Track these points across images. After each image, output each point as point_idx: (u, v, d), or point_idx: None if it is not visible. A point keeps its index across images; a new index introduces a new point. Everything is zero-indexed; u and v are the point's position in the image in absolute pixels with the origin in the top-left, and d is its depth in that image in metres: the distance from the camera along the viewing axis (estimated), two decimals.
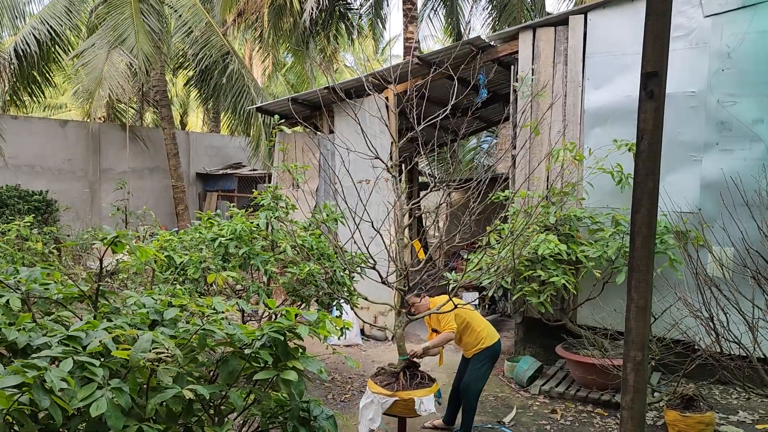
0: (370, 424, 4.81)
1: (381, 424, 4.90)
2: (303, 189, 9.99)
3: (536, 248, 5.99)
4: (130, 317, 2.79)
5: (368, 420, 4.82)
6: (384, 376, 4.99)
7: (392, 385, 4.86)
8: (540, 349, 7.71)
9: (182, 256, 5.43)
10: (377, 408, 4.78)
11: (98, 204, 14.89)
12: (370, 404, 4.80)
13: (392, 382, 4.90)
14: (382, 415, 4.85)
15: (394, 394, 4.77)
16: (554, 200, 6.83)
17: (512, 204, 7.40)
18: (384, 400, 4.76)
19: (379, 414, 4.79)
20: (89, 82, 11.57)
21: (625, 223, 6.54)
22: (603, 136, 7.19)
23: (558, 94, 7.51)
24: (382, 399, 4.76)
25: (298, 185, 9.98)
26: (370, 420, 4.81)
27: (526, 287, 6.20)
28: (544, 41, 7.62)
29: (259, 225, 5.98)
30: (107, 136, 15.14)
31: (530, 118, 7.67)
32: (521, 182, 7.79)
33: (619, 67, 7.18)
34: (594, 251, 6.13)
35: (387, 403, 4.75)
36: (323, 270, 6.05)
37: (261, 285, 5.74)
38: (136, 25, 11.67)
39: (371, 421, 4.81)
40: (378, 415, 4.79)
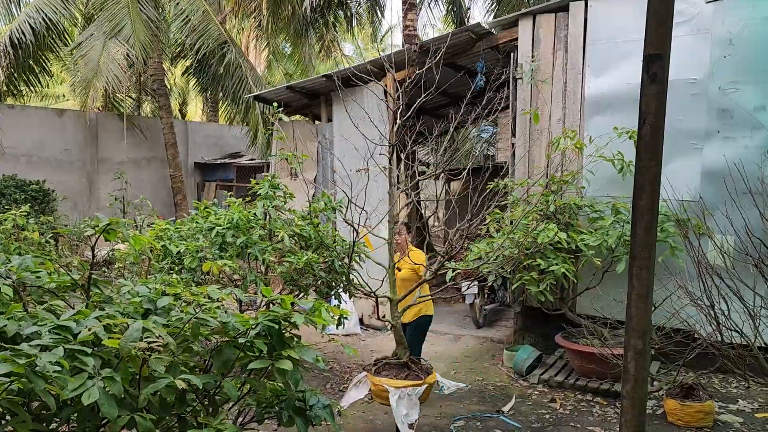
0: (408, 420, 4.68)
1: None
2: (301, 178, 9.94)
3: (536, 236, 5.94)
4: (123, 306, 2.74)
5: (404, 416, 4.64)
6: (391, 370, 4.91)
7: (413, 374, 4.83)
8: (539, 339, 7.68)
9: (179, 246, 5.38)
10: (410, 401, 4.68)
11: (96, 194, 14.84)
12: (401, 400, 4.66)
13: (408, 372, 4.86)
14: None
15: (424, 381, 4.75)
16: (554, 188, 6.78)
17: (512, 193, 7.35)
18: (416, 390, 4.69)
19: (415, 406, 4.69)
20: (85, 74, 11.47)
21: (626, 211, 6.49)
22: (603, 124, 7.12)
23: (558, 82, 7.44)
24: (412, 390, 4.69)
25: (296, 174, 9.95)
26: (406, 415, 4.66)
27: (526, 276, 6.16)
28: (545, 28, 7.53)
29: (256, 214, 5.92)
30: (105, 125, 15.05)
31: (530, 106, 7.60)
32: (521, 171, 7.74)
33: (620, 54, 7.10)
34: (594, 240, 6.08)
35: (419, 392, 4.70)
36: (321, 259, 6.01)
37: (258, 274, 5.70)
38: (132, 15, 11.55)
39: (407, 416, 4.67)
40: (413, 407, 4.69)
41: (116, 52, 11.64)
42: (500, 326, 8.99)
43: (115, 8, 11.87)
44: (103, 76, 11.45)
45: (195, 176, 17.83)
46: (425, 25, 19.80)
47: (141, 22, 11.90)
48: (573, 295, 6.88)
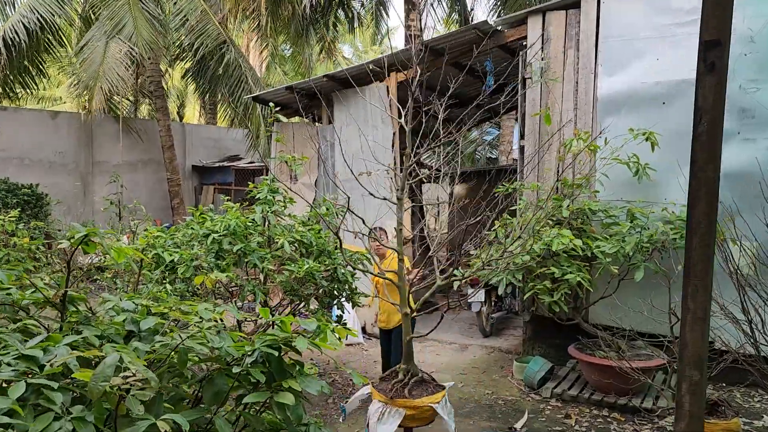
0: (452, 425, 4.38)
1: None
2: (302, 182, 9.64)
3: (549, 243, 5.63)
4: (104, 327, 2.43)
5: (451, 426, 4.38)
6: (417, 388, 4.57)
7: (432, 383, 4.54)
8: (550, 349, 7.37)
9: (172, 254, 5.07)
10: (447, 407, 4.39)
11: (91, 197, 14.52)
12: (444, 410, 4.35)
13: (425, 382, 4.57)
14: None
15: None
16: (566, 192, 6.48)
17: (521, 197, 7.05)
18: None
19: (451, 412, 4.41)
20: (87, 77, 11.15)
21: (642, 216, 6.19)
22: (617, 125, 6.82)
23: (569, 81, 7.14)
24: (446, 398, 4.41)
25: (297, 178, 9.65)
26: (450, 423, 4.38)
27: (538, 285, 5.85)
28: (555, 25, 7.24)
29: (254, 220, 5.61)
30: (100, 128, 14.74)
31: (540, 106, 7.30)
32: (530, 174, 7.44)
33: (633, 52, 6.80)
34: (610, 247, 5.77)
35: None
36: (323, 267, 5.71)
37: (257, 284, 5.39)
38: (133, 11, 11.23)
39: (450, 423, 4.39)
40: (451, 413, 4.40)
41: (118, 52, 11.32)
42: (508, 335, 8.67)
43: (115, 5, 11.55)
44: (106, 78, 11.13)
45: (193, 179, 17.52)
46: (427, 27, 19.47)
47: (144, 18, 11.58)
48: (587, 305, 6.56)
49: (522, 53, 7.55)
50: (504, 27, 7.68)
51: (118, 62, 11.27)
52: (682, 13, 6.55)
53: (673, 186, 6.57)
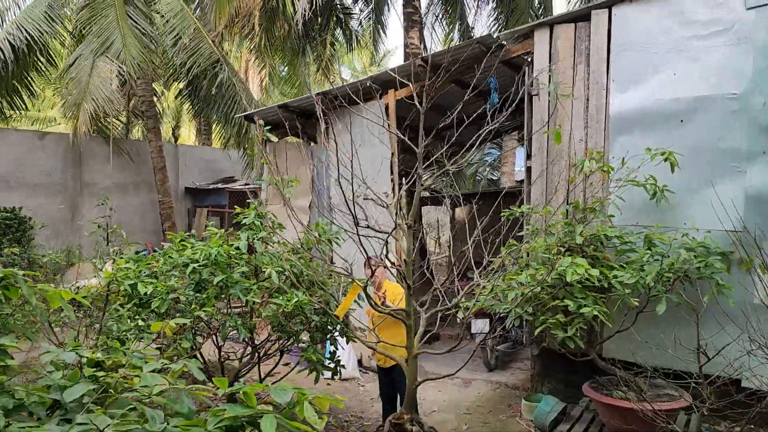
0: None
1: None
2: (295, 205, 9.15)
3: (563, 273, 5.13)
4: (24, 394, 1.93)
5: None
6: None
7: None
8: (560, 385, 6.83)
9: (147, 286, 4.56)
10: None
11: (78, 220, 14.02)
12: None
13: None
14: None
15: None
16: (578, 217, 5.99)
17: (528, 222, 6.57)
18: None
19: None
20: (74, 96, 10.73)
21: (661, 243, 5.70)
22: (631, 145, 6.37)
23: (579, 98, 6.70)
24: None
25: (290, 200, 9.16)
26: None
27: (550, 319, 5.33)
28: (563, 39, 6.82)
29: (239, 248, 5.11)
30: (90, 148, 14.31)
31: (548, 125, 6.85)
32: (537, 196, 6.97)
33: (648, 66, 6.37)
34: (629, 276, 5.27)
35: None
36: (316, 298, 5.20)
37: (241, 318, 4.88)
38: (122, 29, 10.84)
39: None
40: None
41: (106, 70, 10.90)
42: (514, 369, 8.12)
43: (103, 22, 11.16)
44: (92, 98, 10.71)
45: (186, 202, 17.04)
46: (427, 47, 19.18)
47: (133, 36, 11.19)
48: (602, 339, 6.04)
49: (528, 68, 7.12)
50: (509, 41, 7.27)
51: (105, 81, 10.85)
52: (699, 26, 6.13)
53: (694, 209, 6.10)
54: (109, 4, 11.18)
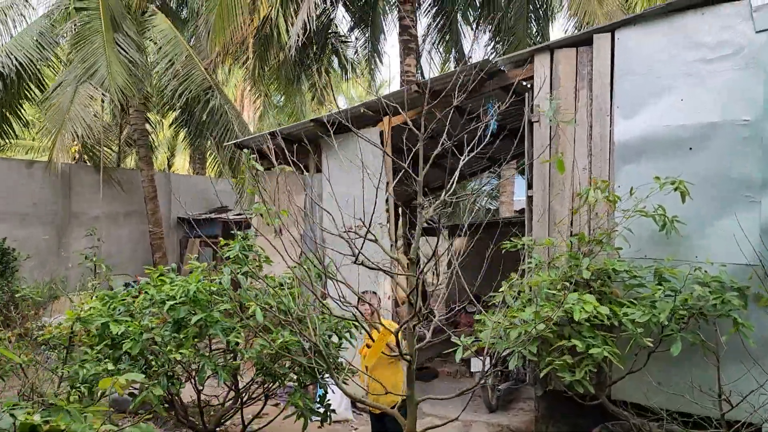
0: None
1: None
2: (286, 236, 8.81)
3: (570, 311, 4.77)
4: None
5: None
6: None
7: None
8: (566, 427, 6.41)
9: (119, 326, 4.19)
10: None
11: (67, 252, 13.64)
12: None
13: None
14: None
15: None
16: (584, 250, 5.66)
17: (530, 254, 6.22)
18: None
19: None
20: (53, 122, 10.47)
21: (673, 277, 5.36)
22: (637, 173, 6.07)
23: (582, 124, 6.42)
24: None
25: (281, 232, 8.83)
26: None
27: (557, 361, 4.95)
28: (564, 64, 6.57)
29: (222, 283, 4.75)
30: (79, 178, 13.99)
31: (550, 152, 6.56)
32: (539, 228, 6.64)
33: (654, 91, 6.10)
34: (641, 314, 4.90)
35: None
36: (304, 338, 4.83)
37: (221, 361, 4.49)
38: (108, 56, 10.61)
39: None
40: None
41: (87, 97, 10.65)
42: (517, 409, 7.69)
43: (89, 48, 10.93)
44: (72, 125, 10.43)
45: (178, 232, 16.69)
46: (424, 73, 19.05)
47: (119, 63, 10.96)
48: (612, 381, 5.64)
49: (528, 94, 6.86)
50: (508, 66, 7.02)
51: (87, 108, 10.58)
52: (706, 49, 5.88)
53: (705, 242, 5.78)
54: (95, 31, 10.98)
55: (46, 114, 11.49)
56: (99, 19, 10.92)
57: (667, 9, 6.09)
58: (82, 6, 11.03)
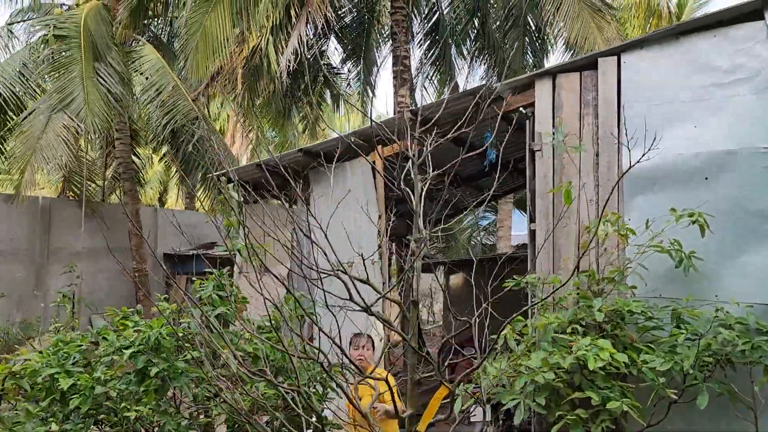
0: None
1: None
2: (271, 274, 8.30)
3: (582, 358, 4.24)
4: None
5: None
6: None
7: None
8: None
9: (66, 379, 3.64)
10: None
11: (45, 289, 13.05)
12: None
13: None
14: None
15: None
16: (594, 289, 5.16)
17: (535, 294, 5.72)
18: None
19: None
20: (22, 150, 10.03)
21: (693, 320, 4.85)
22: (649, 205, 5.62)
23: (588, 154, 5.99)
24: None
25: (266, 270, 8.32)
26: None
27: (569, 416, 4.40)
28: (567, 89, 6.17)
29: (190, 327, 4.22)
30: (60, 212, 13.48)
31: (553, 183, 6.11)
32: (543, 264, 6.14)
33: (665, 118, 5.69)
34: (662, 362, 4.38)
35: None
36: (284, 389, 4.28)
37: (186, 420, 3.93)
38: (86, 86, 10.22)
39: None
40: None
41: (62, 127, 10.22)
42: None
43: (66, 77, 10.54)
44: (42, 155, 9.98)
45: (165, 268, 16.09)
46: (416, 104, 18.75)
47: (98, 93, 10.56)
48: None
49: (529, 122, 6.45)
50: (506, 93, 6.61)
51: (59, 139, 10.14)
52: (720, 73, 5.50)
53: (726, 279, 5.30)
54: (73, 59, 10.62)
55: (15, 140, 11.05)
56: (79, 48, 10.58)
57: (675, 31, 5.73)
58: (61, 34, 10.71)
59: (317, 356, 4.69)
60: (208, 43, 9.00)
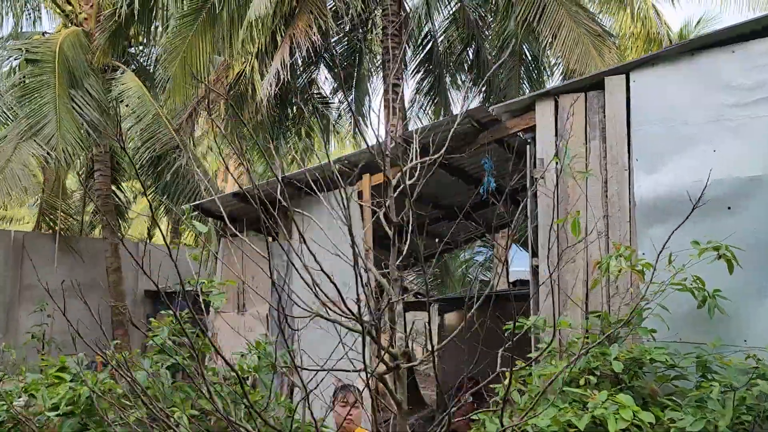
0: None
1: None
2: (251, 313, 7.64)
3: (601, 417, 3.59)
4: None
5: None
6: None
7: None
8: None
9: None
10: None
11: (15, 328, 12.29)
12: None
13: None
14: None
15: None
16: (608, 332, 4.53)
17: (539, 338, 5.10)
18: None
19: None
20: None
21: (723, 369, 4.22)
22: (665, 238, 5.01)
23: (595, 181, 5.43)
24: None
25: (244, 308, 7.67)
26: None
27: None
28: (571, 112, 5.64)
29: (138, 381, 3.56)
30: (34, 246, 12.80)
31: (557, 214, 5.53)
32: (548, 304, 5.52)
33: (680, 141, 5.16)
34: (693, 421, 3.73)
35: None
36: None
37: None
38: (59, 112, 9.67)
39: None
40: None
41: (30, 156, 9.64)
42: None
43: (37, 103, 9.98)
44: (7, 184, 9.38)
45: (145, 307, 15.36)
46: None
47: (72, 121, 10.01)
48: None
49: (529, 147, 5.91)
50: (505, 116, 6.09)
51: (25, 169, 9.54)
52: (741, 92, 4.98)
53: (755, 320, 4.70)
54: (46, 84, 10.08)
55: None
56: (53, 73, 10.08)
57: (690, 47, 5.24)
58: (34, 58, 10.22)
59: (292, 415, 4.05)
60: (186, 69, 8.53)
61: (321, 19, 9.51)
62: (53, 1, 12.13)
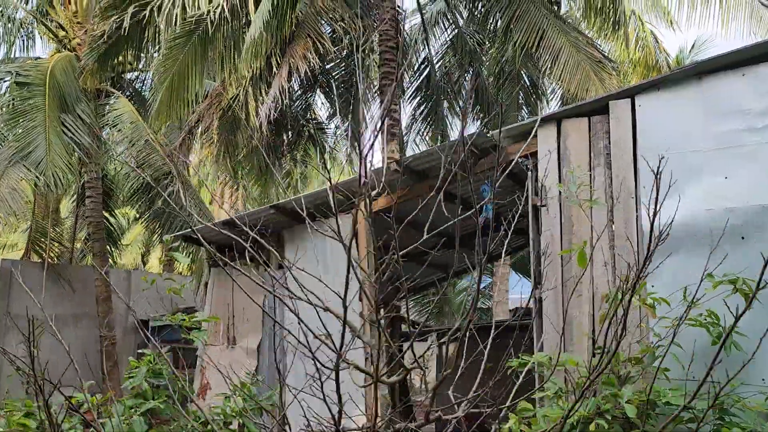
0: None
1: None
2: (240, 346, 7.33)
3: None
4: None
5: None
6: None
7: None
8: None
9: None
10: None
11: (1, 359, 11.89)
12: None
13: None
14: None
15: None
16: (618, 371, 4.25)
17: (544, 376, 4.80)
18: None
19: None
20: None
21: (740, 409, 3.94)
22: (676, 270, 4.78)
23: (600, 210, 5.18)
24: None
25: (234, 342, 7.36)
26: None
27: None
28: (575, 137, 5.43)
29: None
30: (22, 275, 12.46)
31: (561, 243, 5.28)
32: (552, 338, 5.23)
33: (689, 168, 4.93)
34: None
35: None
36: None
37: None
38: (49, 136, 9.45)
39: None
40: None
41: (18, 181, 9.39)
42: None
43: (26, 126, 9.76)
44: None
45: (136, 337, 14.98)
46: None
47: (63, 145, 9.78)
48: None
49: (531, 174, 5.68)
50: (506, 141, 5.87)
51: (13, 193, 9.29)
52: (752, 117, 4.78)
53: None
54: (36, 107, 9.88)
55: None
56: (43, 96, 9.90)
57: (697, 70, 5.05)
58: (24, 81, 10.05)
59: None
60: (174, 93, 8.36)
61: (319, 42, 9.38)
62: (46, 26, 12.04)
